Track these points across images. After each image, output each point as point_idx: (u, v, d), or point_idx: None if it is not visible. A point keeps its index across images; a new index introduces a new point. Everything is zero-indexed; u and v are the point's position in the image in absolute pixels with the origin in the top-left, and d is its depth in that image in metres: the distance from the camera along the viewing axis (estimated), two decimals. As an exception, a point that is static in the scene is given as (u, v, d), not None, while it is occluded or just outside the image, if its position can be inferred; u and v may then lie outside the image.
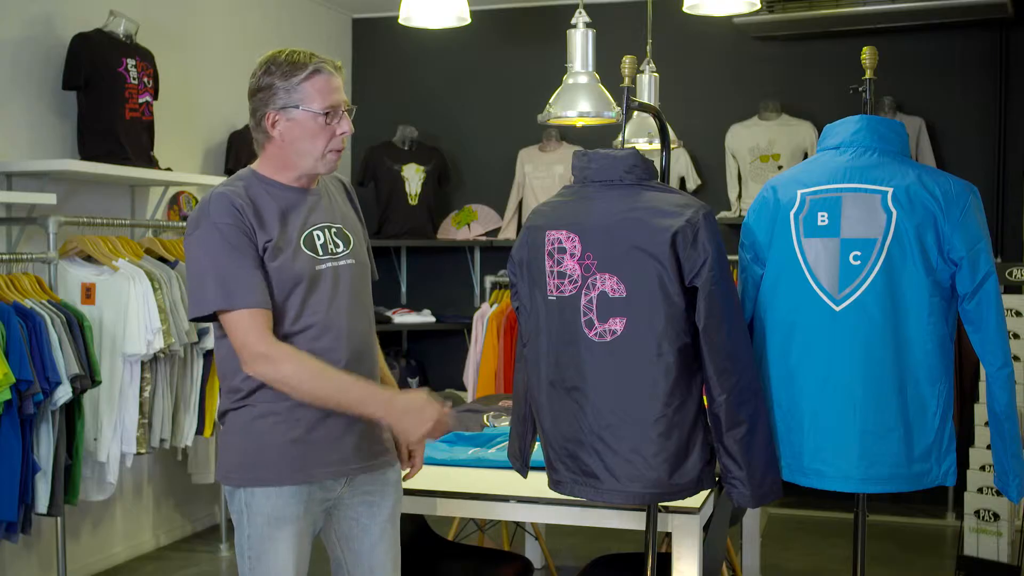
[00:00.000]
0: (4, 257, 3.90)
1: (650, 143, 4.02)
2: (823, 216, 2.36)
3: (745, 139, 5.96)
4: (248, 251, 2.24)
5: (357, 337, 2.38)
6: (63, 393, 3.72)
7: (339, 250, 2.37)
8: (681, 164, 6.11)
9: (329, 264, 2.34)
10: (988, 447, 4.47)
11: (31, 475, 3.67)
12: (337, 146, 2.33)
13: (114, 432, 4.19)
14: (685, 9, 3.58)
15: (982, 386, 4.54)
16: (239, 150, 5.43)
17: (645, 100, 4.03)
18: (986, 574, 4.42)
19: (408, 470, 2.57)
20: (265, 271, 2.25)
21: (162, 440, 4.43)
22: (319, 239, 2.34)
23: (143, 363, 4.26)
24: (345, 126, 2.32)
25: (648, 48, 4.15)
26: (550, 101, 3.44)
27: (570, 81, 3.41)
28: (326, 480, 2.35)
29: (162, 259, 4.53)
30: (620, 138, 2.61)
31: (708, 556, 2.84)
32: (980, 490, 4.55)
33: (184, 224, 4.78)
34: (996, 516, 4.50)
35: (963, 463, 4.40)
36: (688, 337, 2.27)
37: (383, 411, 2.27)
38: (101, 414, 4.17)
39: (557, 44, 3.83)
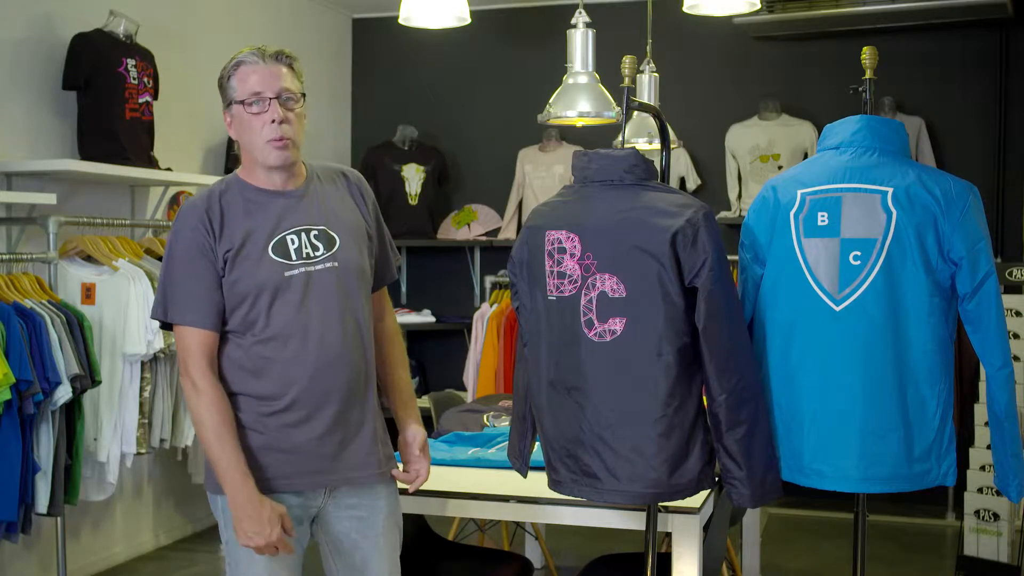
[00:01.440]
0: (4, 257, 3.90)
1: (650, 143, 4.02)
2: (823, 216, 2.36)
3: (745, 139, 5.96)
4: (198, 267, 2.24)
5: (331, 345, 2.30)
6: (63, 393, 3.72)
7: (317, 254, 2.31)
8: (681, 164, 6.11)
9: (301, 270, 2.28)
10: (988, 447, 4.47)
11: (31, 475, 3.67)
12: (270, 135, 2.26)
13: (114, 432, 4.19)
14: (685, 9, 3.58)
15: (982, 386, 4.54)
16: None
17: (645, 100, 4.03)
18: (986, 574, 4.42)
19: (413, 481, 2.50)
20: (221, 287, 2.25)
21: (162, 440, 4.43)
22: (293, 243, 2.29)
23: (143, 363, 4.26)
24: (274, 112, 2.26)
25: (648, 48, 4.15)
26: (550, 101, 3.44)
27: (570, 81, 3.41)
28: (300, 490, 2.32)
29: (162, 259, 4.52)
30: (620, 138, 2.61)
31: (708, 556, 2.84)
32: (980, 490, 4.55)
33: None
34: (996, 516, 4.50)
35: (963, 463, 4.40)
36: (688, 337, 2.27)
37: (231, 499, 2.22)
38: (101, 414, 4.17)
39: (557, 44, 3.83)
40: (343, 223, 2.38)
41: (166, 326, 2.33)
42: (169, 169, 4.80)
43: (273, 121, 2.26)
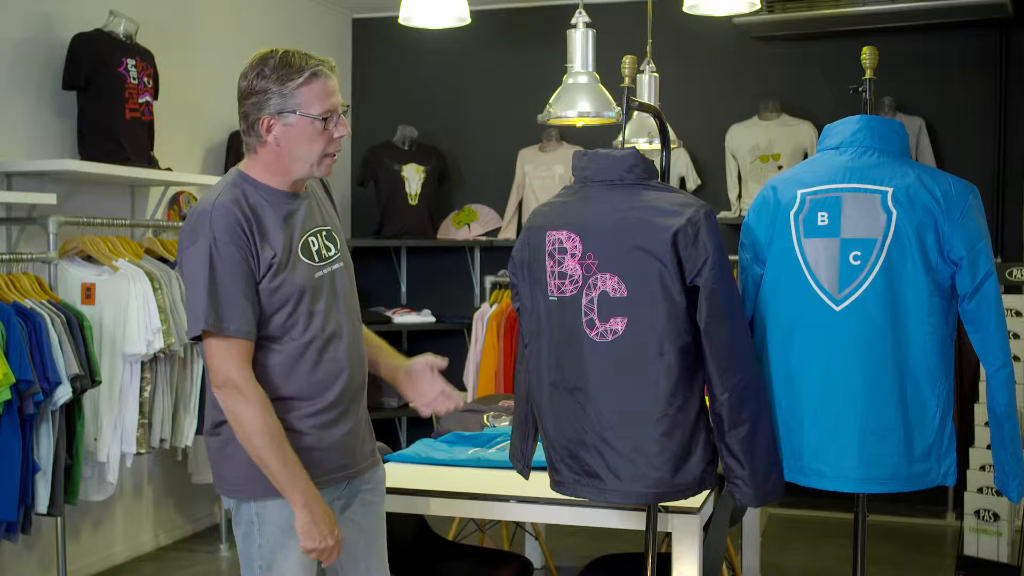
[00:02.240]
0: (4, 257, 3.90)
1: (650, 143, 4.02)
2: (823, 216, 2.36)
3: (745, 139, 5.96)
4: (243, 274, 2.19)
5: (355, 342, 2.38)
6: (63, 393, 3.72)
7: (331, 254, 2.35)
8: (681, 164, 6.11)
9: (326, 270, 2.32)
10: (988, 447, 4.47)
11: (31, 475, 3.67)
12: (334, 149, 2.29)
13: (114, 432, 4.19)
14: (685, 9, 3.58)
15: (982, 386, 4.54)
16: (239, 150, 5.41)
17: (645, 100, 4.03)
18: (986, 574, 4.42)
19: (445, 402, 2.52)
20: (258, 295, 2.21)
21: (162, 440, 4.43)
22: (314, 245, 2.31)
23: (143, 363, 4.26)
24: (343, 129, 2.29)
25: (648, 48, 4.15)
26: (550, 101, 3.44)
27: (570, 81, 3.41)
28: (335, 484, 2.34)
29: (162, 259, 4.53)
30: (620, 138, 2.61)
31: (708, 556, 2.84)
32: (980, 490, 4.55)
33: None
34: (996, 516, 4.50)
35: (963, 463, 4.40)
36: (689, 336, 2.27)
37: (303, 503, 2.19)
38: (101, 414, 4.17)
39: (557, 44, 3.83)
40: (334, 223, 2.44)
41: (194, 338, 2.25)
42: (169, 169, 4.80)
43: (339, 135, 2.28)
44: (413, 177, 6.40)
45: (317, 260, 2.31)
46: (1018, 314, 4.65)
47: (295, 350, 2.26)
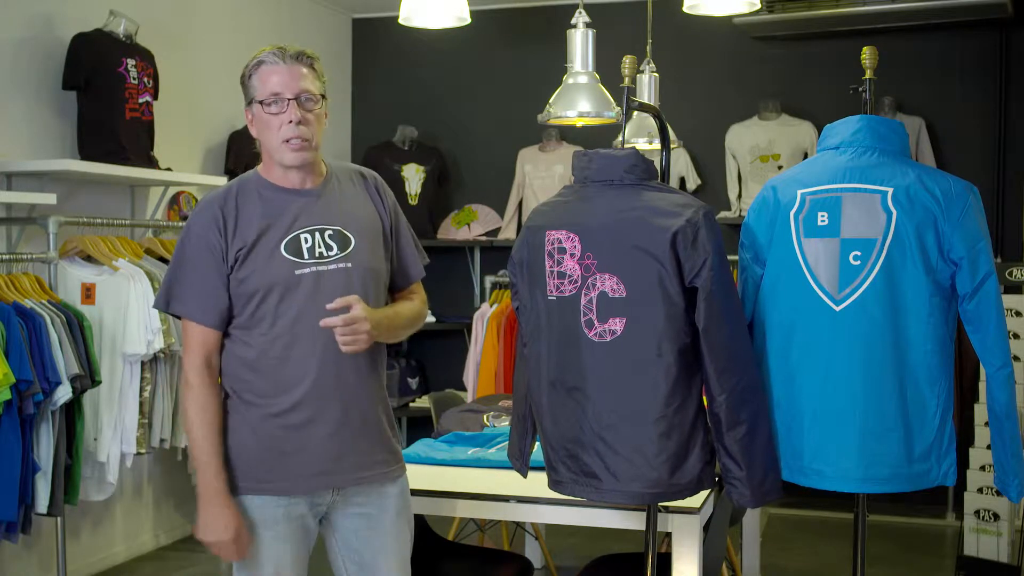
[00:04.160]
0: (4, 257, 3.90)
1: (650, 143, 4.02)
2: (823, 216, 2.36)
3: (745, 139, 5.96)
4: (206, 263, 2.27)
5: (337, 346, 2.27)
6: (63, 393, 3.72)
7: (330, 253, 2.31)
8: (681, 164, 6.11)
9: (311, 269, 2.28)
10: (988, 447, 4.47)
11: (31, 475, 3.67)
12: (287, 135, 2.27)
13: (114, 432, 4.19)
14: (685, 9, 3.58)
15: (982, 386, 4.54)
16: (239, 150, 5.43)
17: (645, 100, 4.03)
18: (986, 574, 4.42)
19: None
20: (229, 286, 2.27)
21: (162, 440, 4.43)
22: (306, 242, 2.30)
23: (143, 363, 4.26)
24: (290, 115, 2.26)
25: (648, 48, 4.15)
26: (550, 101, 3.44)
27: (570, 81, 3.41)
28: (307, 492, 2.32)
29: (162, 259, 4.53)
30: (620, 138, 2.61)
31: (708, 556, 2.84)
32: (980, 490, 4.55)
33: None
34: (996, 516, 4.50)
35: (963, 463, 4.40)
36: (688, 337, 2.27)
37: (200, 493, 2.27)
38: (101, 414, 4.17)
39: (557, 44, 3.83)
40: (359, 224, 2.38)
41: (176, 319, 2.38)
42: (169, 169, 4.80)
43: (290, 122, 2.27)
44: (413, 177, 6.41)
45: (305, 257, 2.29)
46: (1018, 314, 4.65)
47: (262, 345, 2.28)
